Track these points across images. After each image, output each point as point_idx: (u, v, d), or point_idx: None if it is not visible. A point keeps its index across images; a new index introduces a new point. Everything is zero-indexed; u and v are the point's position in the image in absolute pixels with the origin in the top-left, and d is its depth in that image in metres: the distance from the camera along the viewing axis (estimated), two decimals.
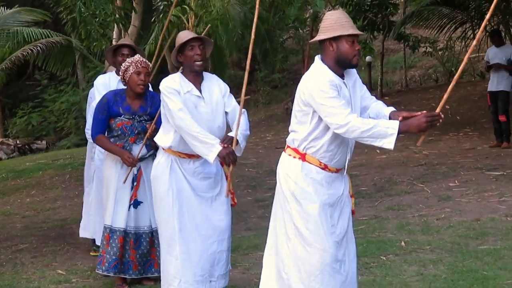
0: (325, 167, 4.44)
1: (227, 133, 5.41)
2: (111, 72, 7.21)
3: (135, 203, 6.06)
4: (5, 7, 18.39)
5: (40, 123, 25.43)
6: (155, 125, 5.94)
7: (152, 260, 6.13)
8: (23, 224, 9.91)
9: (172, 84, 5.33)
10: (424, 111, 4.26)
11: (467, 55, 4.52)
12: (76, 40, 19.30)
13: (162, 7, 12.93)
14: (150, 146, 6.05)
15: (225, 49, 22.69)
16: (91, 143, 7.48)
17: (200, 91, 5.39)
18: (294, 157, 4.47)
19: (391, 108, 4.51)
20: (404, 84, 22.23)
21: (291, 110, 4.61)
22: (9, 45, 20.28)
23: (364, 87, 4.63)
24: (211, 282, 5.41)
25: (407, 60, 22.68)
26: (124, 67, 6.03)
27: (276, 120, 19.86)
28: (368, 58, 20.20)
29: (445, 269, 6.08)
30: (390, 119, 4.37)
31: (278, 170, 4.60)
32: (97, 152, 7.23)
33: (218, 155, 5.12)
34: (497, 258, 6.25)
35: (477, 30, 16.65)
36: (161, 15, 12.73)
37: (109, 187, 6.14)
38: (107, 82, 7.00)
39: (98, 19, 11.87)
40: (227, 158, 5.14)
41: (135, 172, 6.07)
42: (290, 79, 26.52)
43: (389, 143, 4.17)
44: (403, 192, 9.55)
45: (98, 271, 6.18)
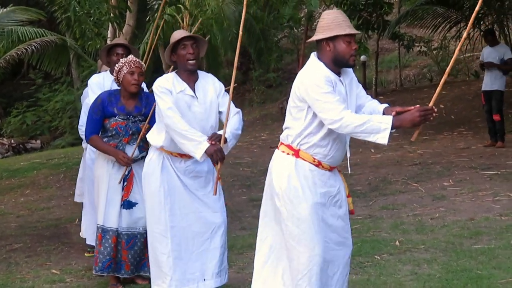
0: (318, 163, 4.42)
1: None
2: (105, 71, 7.19)
3: (126, 204, 6.04)
4: None
5: (35, 122, 25.40)
6: (149, 125, 5.94)
7: (146, 259, 6.08)
8: (18, 224, 9.89)
9: (164, 83, 5.34)
10: (417, 105, 4.27)
11: (458, 48, 4.53)
12: (71, 39, 19.27)
13: (156, 6, 12.94)
14: (143, 147, 6.04)
15: (220, 48, 22.68)
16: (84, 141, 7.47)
17: (194, 91, 5.39)
18: (288, 153, 4.46)
19: (385, 105, 4.52)
20: (398, 83, 22.24)
21: (286, 110, 4.61)
22: (3, 44, 20.23)
23: (360, 86, 4.63)
24: (204, 280, 5.41)
25: (401, 59, 22.69)
26: (117, 67, 6.02)
27: (271, 120, 19.86)
28: (362, 58, 20.22)
29: (439, 268, 6.09)
30: (384, 114, 4.37)
31: (270, 167, 4.58)
32: (88, 151, 7.22)
33: (205, 152, 5.11)
34: (491, 257, 6.26)
35: (471, 29, 16.68)
36: (155, 14, 12.73)
37: (100, 186, 6.12)
38: (101, 82, 6.99)
39: (92, 18, 11.85)
40: (215, 155, 5.13)
41: (126, 173, 6.06)
42: (284, 78, 26.51)
43: (383, 138, 4.16)
44: (398, 192, 9.57)
45: (93, 271, 6.18)
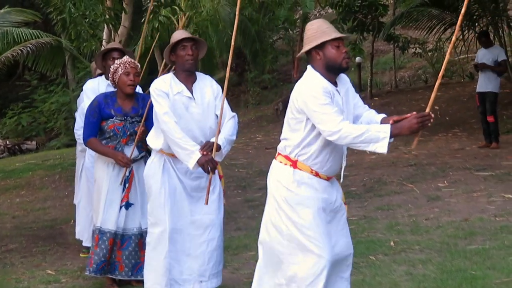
0: (316, 174, 4.44)
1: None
2: (100, 76, 7.19)
3: (126, 205, 6.04)
4: None
5: (30, 123, 25.35)
6: (145, 127, 5.94)
7: (142, 263, 6.04)
8: (13, 224, 9.89)
9: (161, 86, 5.35)
10: (414, 113, 4.27)
11: (448, 51, 4.53)
12: (66, 41, 19.23)
13: (151, 8, 12.92)
14: (141, 147, 6.05)
15: (215, 50, 22.71)
16: (80, 144, 7.46)
17: (192, 92, 5.40)
18: (286, 164, 4.47)
19: (383, 115, 4.53)
20: (393, 84, 22.26)
21: (281, 111, 4.62)
22: None
23: (357, 96, 4.64)
24: (201, 282, 5.41)
25: (396, 61, 22.72)
26: (113, 68, 6.02)
27: (266, 121, 19.86)
28: (358, 59, 20.26)
29: (434, 268, 6.10)
30: (382, 124, 4.38)
31: (269, 177, 4.59)
32: (87, 155, 7.22)
33: (197, 162, 5.17)
34: (485, 258, 6.26)
35: (466, 31, 16.71)
36: (151, 16, 12.73)
37: (100, 188, 6.10)
38: (95, 87, 6.98)
39: (88, 20, 11.85)
40: (206, 166, 5.20)
41: (127, 174, 6.05)
42: (280, 79, 26.55)
43: (382, 147, 4.17)
44: (393, 192, 9.57)
45: (86, 272, 6.16)
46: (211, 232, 5.44)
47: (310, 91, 4.30)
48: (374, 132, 4.18)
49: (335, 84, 4.43)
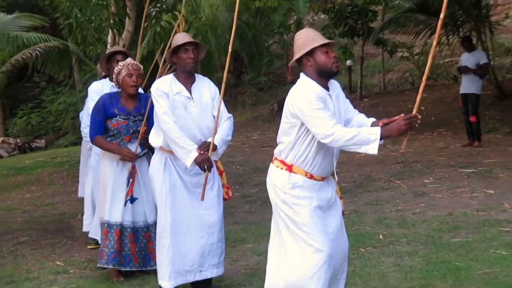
0: (311, 176, 4.45)
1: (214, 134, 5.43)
2: (105, 79, 7.18)
3: (131, 199, 6.04)
4: (5, 13, 18.32)
5: (39, 123, 25.37)
6: (146, 126, 5.95)
7: (150, 254, 6.09)
8: (24, 219, 9.88)
9: (162, 86, 5.36)
10: (402, 115, 4.28)
11: (430, 55, 4.53)
12: (73, 44, 19.18)
13: (154, 13, 12.93)
14: (144, 145, 6.05)
15: (214, 53, 22.67)
16: (86, 141, 7.46)
17: (190, 92, 5.41)
18: (282, 168, 4.48)
19: (372, 119, 4.55)
20: (382, 86, 22.26)
21: (276, 111, 4.64)
22: (9, 49, 20.20)
23: (348, 101, 4.65)
24: (201, 271, 5.43)
25: (385, 64, 22.73)
26: (116, 70, 6.02)
27: (262, 121, 19.85)
28: (348, 62, 20.25)
29: (420, 260, 6.11)
30: (372, 127, 4.40)
31: (267, 181, 4.61)
32: (93, 154, 7.22)
33: (194, 161, 5.19)
34: (468, 250, 6.28)
35: (450, 36, 16.73)
36: (153, 21, 12.73)
37: (105, 184, 6.11)
38: (100, 89, 6.98)
39: (93, 25, 11.84)
40: (202, 164, 5.22)
41: (131, 170, 6.06)
42: (275, 82, 26.54)
43: (373, 149, 4.21)
44: (381, 188, 9.59)
45: (99, 264, 6.15)
46: (211, 226, 5.45)
47: (304, 96, 4.30)
48: (365, 134, 4.21)
49: (327, 88, 4.45)
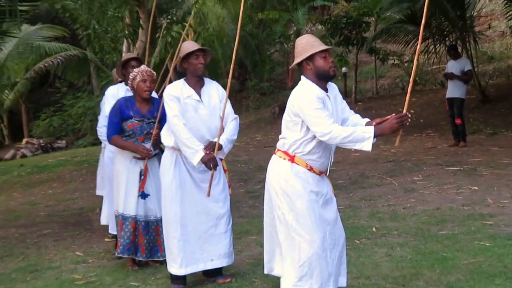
0: (310, 168, 4.45)
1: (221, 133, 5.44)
2: (120, 83, 7.19)
3: (142, 195, 6.05)
4: (29, 24, 18.37)
5: (60, 125, 25.43)
6: (158, 129, 5.95)
7: (158, 246, 6.10)
8: (46, 213, 9.90)
9: (173, 91, 5.38)
10: (393, 114, 4.30)
11: (416, 55, 4.53)
12: (91, 53, 19.24)
13: (165, 25, 12.94)
14: (156, 145, 6.07)
15: (220, 61, 22.69)
16: (103, 140, 7.45)
17: (200, 95, 5.43)
18: (284, 158, 4.48)
19: (367, 119, 4.56)
20: (375, 91, 22.23)
21: (278, 114, 4.65)
22: (33, 57, 20.29)
23: (344, 102, 4.66)
24: (212, 260, 5.44)
25: (377, 70, 22.69)
26: (132, 76, 6.04)
27: (265, 123, 19.85)
28: (344, 69, 20.26)
29: (410, 251, 6.10)
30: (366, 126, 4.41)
31: (269, 170, 4.60)
32: (106, 152, 7.22)
33: (201, 159, 5.21)
34: (455, 242, 6.27)
35: (438, 45, 16.71)
36: (164, 31, 12.74)
37: (120, 180, 6.12)
38: (115, 92, 6.99)
39: (109, 35, 11.87)
40: (208, 163, 5.25)
41: (142, 167, 6.07)
42: (276, 87, 26.55)
43: (367, 146, 4.20)
44: (374, 185, 9.58)
45: (115, 253, 6.19)
46: (218, 218, 5.46)
47: (305, 97, 4.32)
48: (360, 133, 4.21)
49: (326, 90, 4.47)
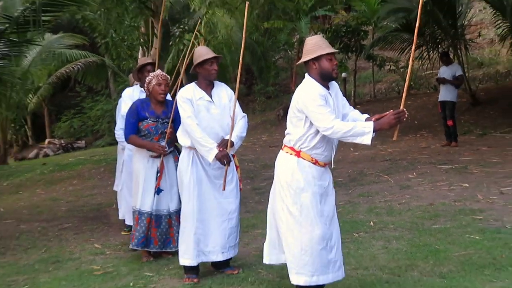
0: (316, 162, 4.45)
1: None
2: (136, 85, 7.21)
3: (158, 191, 6.06)
4: (51, 33, 18.44)
5: (80, 126, 25.53)
6: (172, 128, 5.96)
7: (171, 238, 6.10)
8: (67, 208, 9.92)
9: (186, 93, 5.40)
10: (391, 110, 4.29)
11: (411, 61, 4.52)
12: (109, 60, 19.32)
13: (177, 33, 12.98)
14: (170, 143, 6.07)
15: (228, 66, 22.73)
16: (120, 143, 7.46)
17: (211, 96, 5.44)
18: (291, 154, 4.48)
19: (366, 115, 4.56)
20: (372, 95, 22.22)
21: (282, 116, 4.64)
22: (54, 63, 20.39)
23: (344, 99, 4.66)
24: (223, 253, 5.45)
25: (375, 76, 22.68)
26: (148, 80, 6.06)
27: (270, 124, 19.83)
28: (343, 74, 20.24)
29: (405, 243, 6.09)
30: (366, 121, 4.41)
31: (276, 164, 4.60)
32: (126, 151, 7.23)
33: (215, 156, 5.23)
34: (447, 235, 6.26)
35: (431, 51, 16.66)
36: (177, 40, 12.78)
37: (138, 178, 6.11)
38: (131, 94, 7.02)
39: (126, 43, 11.91)
40: (222, 160, 5.27)
41: (158, 165, 6.07)
42: (281, 91, 26.53)
43: (367, 139, 4.20)
44: (372, 182, 9.56)
45: (130, 246, 6.18)
46: (230, 213, 5.48)
47: (309, 95, 4.33)
48: (360, 127, 4.21)
49: (327, 88, 4.47)
